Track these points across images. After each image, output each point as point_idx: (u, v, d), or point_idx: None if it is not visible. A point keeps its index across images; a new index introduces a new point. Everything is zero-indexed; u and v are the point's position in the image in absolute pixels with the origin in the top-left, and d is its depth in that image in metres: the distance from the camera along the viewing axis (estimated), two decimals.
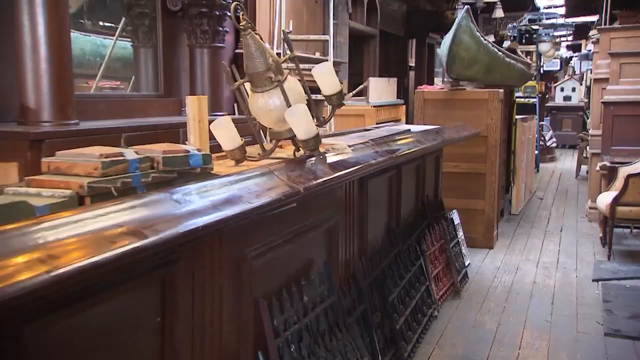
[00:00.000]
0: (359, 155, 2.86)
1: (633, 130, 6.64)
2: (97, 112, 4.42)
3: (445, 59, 6.17)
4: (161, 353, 1.83)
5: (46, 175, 1.74)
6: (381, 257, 3.61)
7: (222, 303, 2.10)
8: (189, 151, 2.01)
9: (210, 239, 2.01)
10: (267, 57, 2.42)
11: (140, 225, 1.49)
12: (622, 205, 5.69)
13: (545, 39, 16.16)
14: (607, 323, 4.15)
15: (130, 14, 5.52)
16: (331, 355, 2.53)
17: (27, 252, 1.22)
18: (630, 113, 6.70)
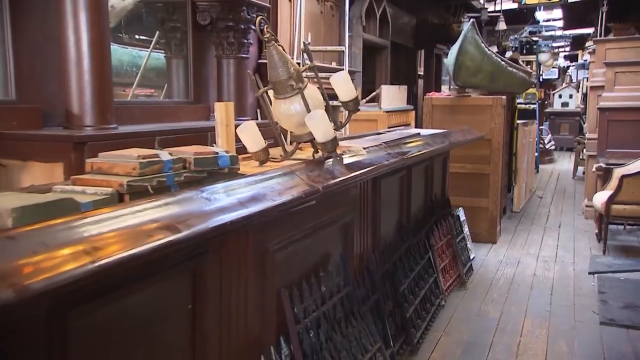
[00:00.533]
0: (372, 157, 2.86)
1: (627, 134, 6.62)
2: (134, 118, 4.44)
3: (452, 67, 6.17)
4: (192, 337, 1.84)
5: (90, 174, 1.75)
6: (393, 250, 3.60)
7: (247, 292, 2.11)
8: (217, 153, 2.02)
9: (237, 234, 2.02)
10: (289, 67, 2.43)
11: (174, 220, 1.51)
12: (616, 204, 5.68)
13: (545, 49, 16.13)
14: (602, 313, 4.13)
15: (164, 27, 5.55)
16: (347, 340, 2.53)
17: (72, 245, 1.24)
18: (624, 118, 6.69)
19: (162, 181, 1.76)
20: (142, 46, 6.07)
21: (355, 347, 2.57)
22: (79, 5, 3.54)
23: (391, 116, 6.74)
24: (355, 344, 2.58)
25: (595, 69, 7.86)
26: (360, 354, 2.59)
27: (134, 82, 5.83)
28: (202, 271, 1.86)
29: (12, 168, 3.43)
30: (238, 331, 2.06)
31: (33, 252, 1.17)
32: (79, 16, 3.56)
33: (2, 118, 3.51)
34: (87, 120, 3.66)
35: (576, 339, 3.72)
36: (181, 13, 5.40)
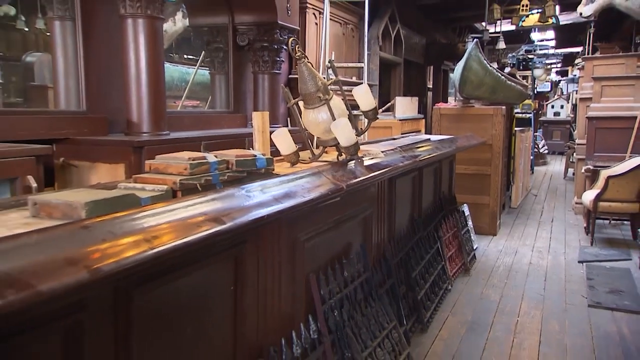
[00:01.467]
0: (389, 159, 2.85)
1: (612, 139, 6.55)
2: (183, 125, 4.48)
3: (457, 81, 6.13)
4: (234, 314, 1.85)
5: (148, 174, 1.77)
6: (406, 241, 3.60)
7: (280, 276, 2.11)
8: (255, 155, 2.03)
9: (272, 225, 2.02)
10: (317, 81, 2.43)
11: (219, 214, 1.52)
12: (602, 201, 5.63)
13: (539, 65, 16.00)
14: (590, 297, 4.09)
15: (209, 48, 5.59)
16: (366, 319, 2.54)
17: (134, 234, 1.25)
18: (609, 126, 6.61)
19: (209, 180, 1.78)
20: (190, 64, 6.14)
21: (374, 325, 2.57)
22: (138, 31, 3.59)
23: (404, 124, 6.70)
24: (373, 322, 2.58)
25: (584, 82, 7.82)
26: (378, 330, 2.59)
27: (183, 95, 5.90)
28: (242, 258, 1.87)
29: (82, 168, 3.48)
30: (272, 309, 2.07)
31: (103, 239, 1.19)
32: (139, 40, 3.61)
33: (75, 126, 3.57)
34: (144, 128, 3.70)
35: (567, 320, 3.68)
36: (224, 35, 5.44)
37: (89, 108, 3.70)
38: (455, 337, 3.36)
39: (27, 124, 3.32)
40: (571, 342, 3.34)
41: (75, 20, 3.66)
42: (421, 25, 11.76)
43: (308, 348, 2.14)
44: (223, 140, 4.11)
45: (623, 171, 5.60)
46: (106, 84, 3.78)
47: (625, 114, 6.53)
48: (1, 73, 4.41)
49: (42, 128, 3.37)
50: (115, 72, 3.73)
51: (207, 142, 3.88)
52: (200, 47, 5.83)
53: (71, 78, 3.73)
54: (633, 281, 4.47)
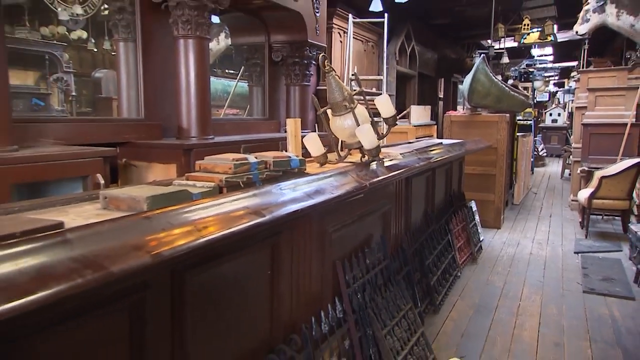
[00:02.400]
0: (406, 161, 2.83)
1: (605, 144, 6.46)
2: (225, 130, 4.52)
3: (466, 92, 6.08)
4: (271, 295, 1.86)
5: (198, 172, 1.79)
6: (420, 233, 3.57)
7: (311, 263, 2.12)
8: (290, 157, 2.03)
9: (304, 218, 2.02)
10: (343, 91, 2.42)
11: (259, 207, 1.52)
12: (596, 199, 5.53)
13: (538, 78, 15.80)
14: (585, 283, 4.02)
15: (247, 64, 5.64)
16: (385, 301, 2.53)
17: (187, 225, 1.27)
18: (602, 132, 6.53)
19: (250, 178, 1.79)
20: (231, 78, 6.19)
21: (392, 306, 2.56)
22: (188, 49, 3.63)
23: (418, 129, 6.64)
24: (392, 304, 2.57)
25: (580, 93, 7.70)
26: (396, 311, 2.58)
27: (225, 104, 5.96)
28: (278, 246, 1.87)
29: (140, 167, 3.53)
30: (304, 291, 2.07)
31: (162, 229, 1.21)
32: (189, 57, 3.65)
33: (135, 131, 3.64)
34: (192, 133, 3.74)
35: (564, 304, 3.61)
36: (260, 53, 5.47)
37: (146, 116, 3.76)
38: (464, 318, 3.33)
39: (96, 130, 3.39)
40: (568, 323, 3.28)
41: (136, 41, 3.72)
42: (433, 42, 11.64)
43: (334, 325, 2.15)
44: (259, 144, 4.12)
45: (615, 172, 5.51)
46: (161, 96, 3.84)
47: (617, 121, 6.44)
48: (75, 87, 4.51)
49: (108, 133, 3.44)
50: (169, 85, 3.78)
51: (246, 145, 3.94)
52: (240, 62, 5.88)
53: (132, 91, 3.79)
54: (623, 270, 4.37)
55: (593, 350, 2.89)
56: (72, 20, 4.02)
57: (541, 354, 2.85)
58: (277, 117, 5.56)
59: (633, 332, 3.14)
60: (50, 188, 2.55)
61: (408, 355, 2.45)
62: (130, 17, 3.71)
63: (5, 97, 2.48)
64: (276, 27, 5.31)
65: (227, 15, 5.15)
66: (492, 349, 2.90)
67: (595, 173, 5.78)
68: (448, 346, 2.91)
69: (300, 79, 5.40)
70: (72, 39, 4.43)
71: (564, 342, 3.01)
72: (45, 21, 4.24)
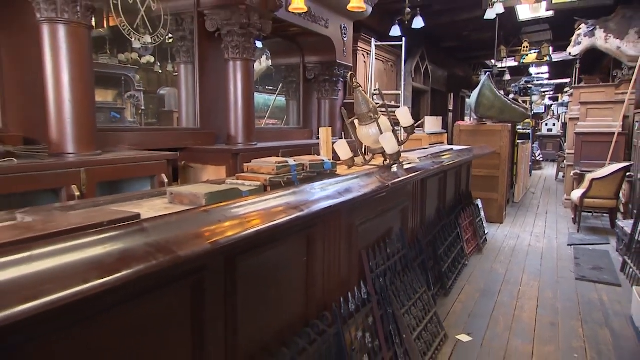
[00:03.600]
0: (422, 164, 2.79)
1: (595, 150, 6.31)
2: (266, 138, 4.57)
3: (473, 105, 5.98)
4: (306, 278, 1.86)
5: (246, 173, 1.81)
6: (434, 226, 3.51)
7: (340, 251, 2.10)
8: (323, 160, 2.04)
9: (335, 213, 2.01)
10: (369, 104, 2.41)
11: (298, 203, 1.51)
12: (587, 198, 5.36)
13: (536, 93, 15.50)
14: (577, 272, 3.89)
15: (285, 81, 5.68)
16: (403, 285, 2.50)
17: (237, 218, 1.26)
18: (593, 140, 6.38)
19: (290, 178, 1.80)
20: (271, 93, 6.23)
21: (409, 289, 2.54)
22: (237, 70, 3.69)
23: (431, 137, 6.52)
24: (409, 287, 2.55)
25: (572, 106, 7.53)
26: (412, 294, 2.55)
27: (266, 115, 6.01)
28: (313, 237, 1.87)
29: (196, 169, 3.60)
30: (334, 275, 2.06)
31: (218, 220, 1.21)
32: (237, 76, 3.70)
33: (192, 139, 3.71)
34: (239, 140, 3.80)
35: (558, 289, 3.50)
36: (296, 72, 5.51)
37: (201, 126, 3.83)
38: (471, 301, 3.26)
39: (161, 137, 3.47)
40: (562, 306, 3.18)
41: (194, 64, 3.79)
42: (444, 62, 11.47)
43: (360, 305, 2.13)
44: (295, 149, 4.16)
45: (604, 175, 5.35)
46: (214, 109, 3.90)
47: (606, 130, 6.28)
48: (144, 102, 4.62)
49: (171, 140, 3.52)
50: (220, 100, 3.84)
51: (284, 150, 3.97)
52: (278, 80, 5.92)
53: (190, 105, 3.87)
54: (611, 260, 4.21)
55: (584, 330, 2.81)
56: (143, 48, 4.14)
57: (539, 333, 2.77)
58: (310, 126, 5.58)
59: (619, 314, 3.04)
60: (125, 185, 2.62)
61: (422, 332, 2.42)
62: (190, 44, 3.79)
63: (92, 112, 2.57)
64: (310, 50, 5.33)
65: (269, 41, 5.20)
66: (495, 328, 2.83)
67: (587, 176, 5.64)
68: (457, 324, 2.86)
69: (330, 93, 5.41)
70: (143, 63, 4.55)
71: (558, 322, 2.92)
72: (122, 49, 4.37)
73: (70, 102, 2.42)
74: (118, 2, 3.18)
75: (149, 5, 3.45)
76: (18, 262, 0.78)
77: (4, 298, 0.69)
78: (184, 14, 3.74)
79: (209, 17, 3.67)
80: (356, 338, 2.01)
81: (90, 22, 2.47)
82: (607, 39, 6.70)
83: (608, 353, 2.52)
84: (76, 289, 0.78)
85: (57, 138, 2.44)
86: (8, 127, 2.47)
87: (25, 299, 0.71)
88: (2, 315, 0.67)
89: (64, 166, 2.21)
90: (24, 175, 2.04)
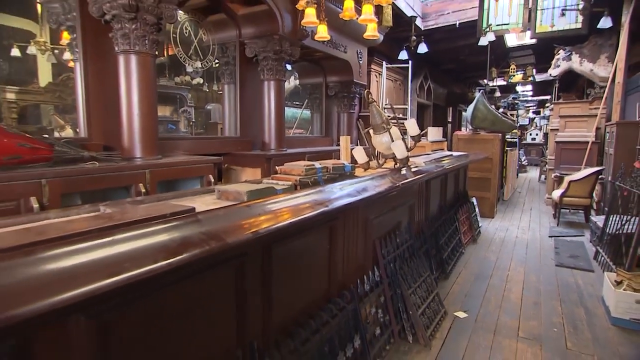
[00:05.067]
0: (427, 168, 2.75)
1: (572, 156, 6.19)
2: (294, 144, 4.58)
3: (469, 117, 5.86)
4: (328, 263, 1.85)
5: (279, 174, 1.82)
6: (436, 220, 3.45)
7: (357, 241, 2.09)
8: (344, 163, 2.03)
9: (353, 209, 2.00)
10: (382, 116, 2.39)
11: (323, 200, 1.50)
12: (566, 197, 5.21)
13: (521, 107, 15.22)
14: (556, 259, 3.76)
15: (310, 97, 5.68)
16: (410, 269, 2.47)
17: (271, 213, 1.26)
18: (570, 147, 6.25)
19: (316, 179, 1.80)
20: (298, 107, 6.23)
21: (415, 273, 2.50)
22: (270, 88, 3.71)
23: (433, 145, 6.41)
24: (415, 271, 2.52)
25: (553, 119, 7.40)
26: (418, 277, 2.51)
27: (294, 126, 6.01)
28: (335, 228, 1.86)
29: (236, 170, 3.64)
30: (352, 261, 2.06)
31: (258, 214, 1.22)
32: (270, 94, 3.73)
33: (233, 145, 3.75)
34: (272, 146, 3.82)
35: (541, 274, 3.39)
36: (319, 90, 5.51)
37: (241, 135, 3.87)
38: (467, 283, 3.19)
39: (208, 145, 3.53)
40: (544, 288, 3.08)
41: (235, 84, 3.84)
42: (444, 81, 11.28)
43: (373, 286, 2.12)
44: (318, 154, 4.15)
45: (580, 177, 5.19)
46: (251, 120, 3.93)
47: (581, 139, 6.13)
48: (194, 116, 4.70)
49: (216, 147, 3.57)
50: (256, 113, 3.88)
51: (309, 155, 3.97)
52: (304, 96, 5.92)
53: (231, 117, 3.92)
54: (585, 250, 4.07)
55: (562, 308, 2.73)
56: (195, 71, 4.21)
57: (524, 310, 2.70)
58: (330, 135, 5.57)
59: (592, 295, 2.95)
60: (180, 183, 2.67)
61: (426, 309, 2.38)
62: (232, 67, 3.83)
63: (155, 124, 2.63)
64: (331, 71, 5.32)
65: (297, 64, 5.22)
66: (487, 306, 2.77)
67: (565, 178, 5.49)
68: (455, 303, 2.81)
69: (347, 107, 5.39)
70: (194, 84, 4.62)
71: (541, 302, 2.84)
72: (177, 73, 4.45)
73: (138, 117, 2.49)
74: (176, 35, 3.25)
75: (200, 37, 3.51)
76: (104, 245, 0.80)
77: (95, 274, 0.72)
78: (228, 44, 3.79)
79: (249, 46, 3.71)
80: (370, 313, 2.00)
81: (155, 52, 2.53)
82: (581, 62, 6.67)
83: (582, 327, 2.47)
84: (149, 267, 0.81)
85: (128, 145, 2.51)
86: (92, 137, 2.55)
87: (110, 274, 0.74)
88: (95, 286, 0.69)
89: (133, 168, 2.27)
90: (103, 175, 2.10)
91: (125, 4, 2.27)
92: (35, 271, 0.69)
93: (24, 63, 2.88)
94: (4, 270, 0.67)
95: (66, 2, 2.45)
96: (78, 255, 0.75)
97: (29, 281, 0.67)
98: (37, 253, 0.72)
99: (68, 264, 0.73)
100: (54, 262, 0.72)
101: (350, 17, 2.89)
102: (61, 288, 0.67)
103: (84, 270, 0.73)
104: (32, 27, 2.84)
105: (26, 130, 2.19)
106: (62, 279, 0.69)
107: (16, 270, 0.67)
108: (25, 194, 1.76)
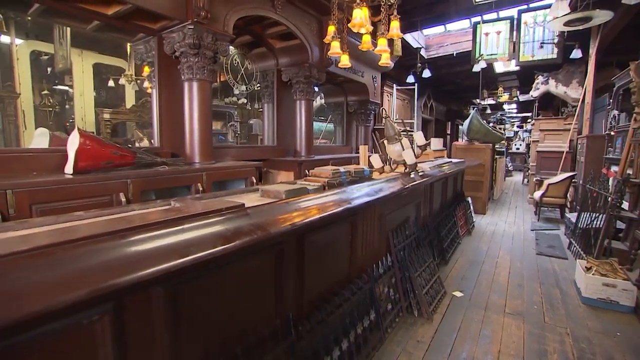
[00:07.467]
0: (432, 172, 2.67)
1: (550, 163, 6.02)
2: (320, 152, 4.55)
3: (465, 130, 5.67)
4: (350, 250, 1.82)
5: (310, 177, 1.81)
6: (438, 216, 3.35)
7: (374, 232, 2.06)
8: (363, 168, 2.00)
9: (370, 206, 1.96)
10: (395, 129, 2.34)
11: (347, 198, 1.48)
12: (545, 197, 4.99)
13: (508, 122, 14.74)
14: (537, 249, 3.58)
15: (333, 113, 5.63)
16: (416, 256, 2.40)
17: (299, 210, 1.24)
18: (549, 156, 6.08)
19: (341, 181, 1.78)
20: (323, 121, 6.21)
21: (421, 260, 2.43)
22: (302, 106, 3.71)
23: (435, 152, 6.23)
24: (420, 258, 2.45)
25: (534, 132, 7.16)
26: (423, 263, 2.44)
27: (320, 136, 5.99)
28: (355, 222, 1.83)
29: (274, 173, 3.65)
30: (369, 249, 2.02)
31: (295, 209, 1.22)
32: (302, 111, 3.72)
33: (271, 153, 3.76)
34: (302, 154, 3.80)
35: (524, 261, 3.23)
36: (341, 107, 5.46)
37: (277, 144, 3.88)
38: (463, 268, 3.07)
39: (251, 152, 3.56)
40: (527, 273, 2.94)
41: (273, 103, 3.87)
42: (444, 100, 10.99)
43: (386, 270, 2.07)
44: (340, 160, 4.11)
45: (557, 181, 4.97)
46: (285, 132, 3.93)
47: (558, 149, 5.96)
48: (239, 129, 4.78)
49: (257, 154, 3.59)
50: (290, 126, 3.88)
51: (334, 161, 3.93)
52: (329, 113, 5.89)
53: (269, 130, 3.94)
54: (561, 241, 3.87)
55: (542, 289, 2.62)
56: (240, 93, 4.28)
57: (510, 291, 2.60)
58: (350, 144, 5.52)
59: (566, 279, 2.83)
60: (229, 184, 2.71)
61: (429, 289, 2.31)
62: (271, 90, 3.87)
63: (210, 136, 2.68)
64: (351, 92, 5.27)
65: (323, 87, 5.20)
66: (480, 287, 2.66)
67: (545, 181, 5.28)
68: (453, 284, 2.71)
69: (364, 122, 5.31)
70: (239, 103, 4.71)
71: (524, 284, 2.72)
72: (227, 94, 4.54)
73: (198, 130, 2.55)
74: (227, 65, 3.31)
75: (246, 66, 3.56)
76: (175, 233, 0.82)
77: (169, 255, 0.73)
78: (267, 71, 3.83)
79: (284, 72, 3.73)
80: (383, 292, 1.96)
81: (212, 79, 2.59)
82: (557, 86, 6.57)
83: (558, 305, 2.39)
84: (209, 251, 0.81)
85: (189, 152, 2.57)
86: (163, 146, 2.63)
87: (181, 255, 0.74)
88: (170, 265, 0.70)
89: (193, 171, 2.32)
90: (171, 176, 2.16)
91: (190, 43, 2.35)
92: (129, 251, 0.71)
93: (116, 91, 3.07)
94: (107, 249, 0.69)
95: (148, 44, 2.56)
96: (157, 240, 0.76)
97: (123, 258, 0.69)
98: (127, 237, 0.74)
99: (150, 246, 0.74)
100: (140, 245, 0.73)
101: (368, 48, 2.86)
102: (145, 265, 0.69)
103: (162, 252, 0.74)
104: (122, 64, 3.03)
105: (116, 141, 2.29)
106: (145, 258, 0.71)
107: (115, 250, 0.70)
108: (116, 190, 1.85)
